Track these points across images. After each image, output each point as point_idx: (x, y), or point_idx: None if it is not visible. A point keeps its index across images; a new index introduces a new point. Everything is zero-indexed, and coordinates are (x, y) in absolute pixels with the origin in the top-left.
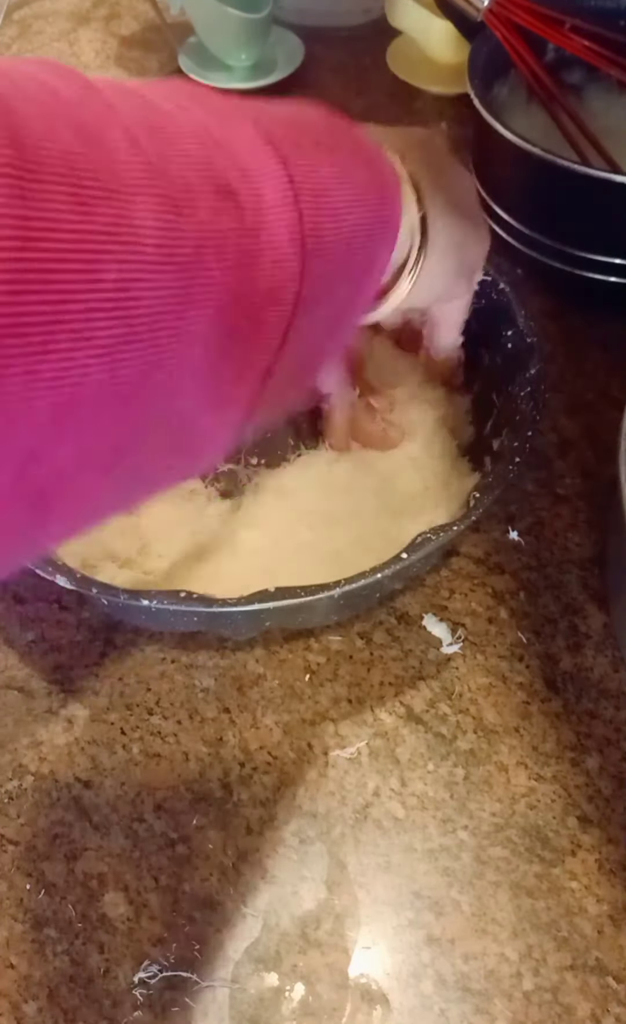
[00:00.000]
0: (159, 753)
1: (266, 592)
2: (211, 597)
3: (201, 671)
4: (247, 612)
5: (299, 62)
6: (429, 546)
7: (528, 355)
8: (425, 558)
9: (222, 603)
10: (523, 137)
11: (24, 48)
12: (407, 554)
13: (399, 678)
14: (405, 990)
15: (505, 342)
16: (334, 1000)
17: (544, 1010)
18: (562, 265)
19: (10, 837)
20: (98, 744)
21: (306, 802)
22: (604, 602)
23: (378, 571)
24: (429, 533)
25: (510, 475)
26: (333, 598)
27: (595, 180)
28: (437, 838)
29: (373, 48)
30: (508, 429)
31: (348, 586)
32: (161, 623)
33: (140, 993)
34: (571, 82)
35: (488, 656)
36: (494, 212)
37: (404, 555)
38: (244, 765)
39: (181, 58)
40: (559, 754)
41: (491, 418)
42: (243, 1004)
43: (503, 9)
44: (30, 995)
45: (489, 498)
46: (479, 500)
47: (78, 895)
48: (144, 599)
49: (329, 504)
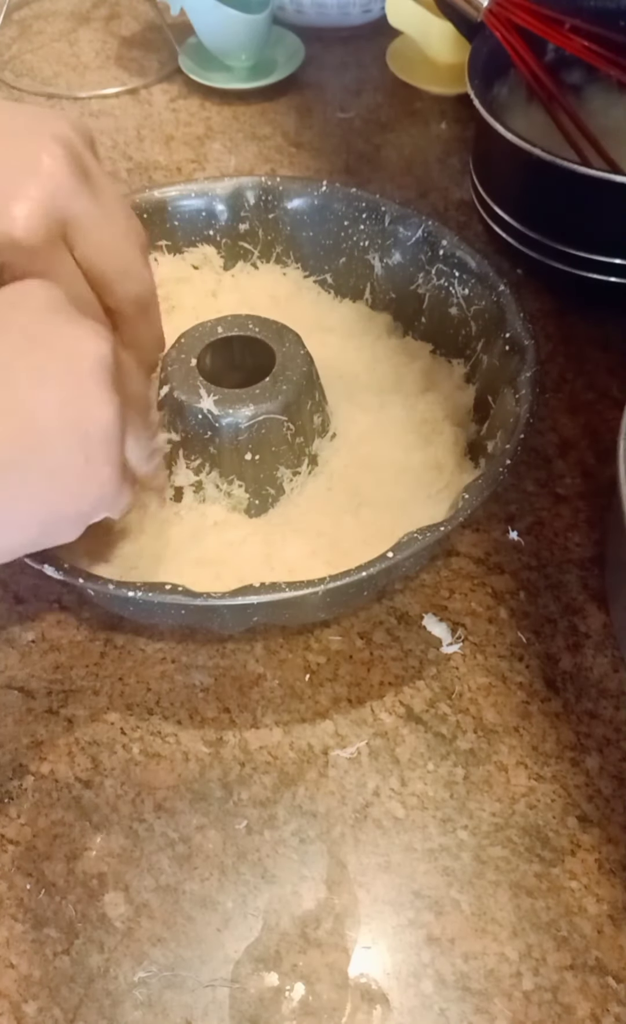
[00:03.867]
0: (159, 753)
1: (251, 587)
2: (196, 591)
3: (201, 671)
4: (233, 606)
5: (299, 62)
6: (415, 545)
7: (523, 358)
8: (414, 557)
9: (207, 596)
10: (523, 137)
11: (24, 48)
12: (393, 553)
13: (399, 678)
14: (405, 990)
15: (503, 344)
16: (334, 1000)
17: (544, 1010)
18: (562, 265)
19: (10, 837)
20: (98, 744)
21: (306, 802)
22: (604, 602)
23: (364, 569)
24: (416, 533)
25: (500, 477)
26: (318, 595)
27: (595, 180)
28: (437, 838)
29: (373, 48)
30: (502, 431)
31: (334, 583)
32: (150, 616)
33: (140, 993)
34: (571, 82)
35: (488, 656)
36: (494, 212)
37: (390, 554)
38: (244, 765)
39: (181, 58)
40: (559, 754)
41: (487, 419)
42: (243, 1004)
43: (503, 9)
44: (30, 995)
45: (477, 499)
46: (467, 501)
47: (78, 895)
48: (130, 591)
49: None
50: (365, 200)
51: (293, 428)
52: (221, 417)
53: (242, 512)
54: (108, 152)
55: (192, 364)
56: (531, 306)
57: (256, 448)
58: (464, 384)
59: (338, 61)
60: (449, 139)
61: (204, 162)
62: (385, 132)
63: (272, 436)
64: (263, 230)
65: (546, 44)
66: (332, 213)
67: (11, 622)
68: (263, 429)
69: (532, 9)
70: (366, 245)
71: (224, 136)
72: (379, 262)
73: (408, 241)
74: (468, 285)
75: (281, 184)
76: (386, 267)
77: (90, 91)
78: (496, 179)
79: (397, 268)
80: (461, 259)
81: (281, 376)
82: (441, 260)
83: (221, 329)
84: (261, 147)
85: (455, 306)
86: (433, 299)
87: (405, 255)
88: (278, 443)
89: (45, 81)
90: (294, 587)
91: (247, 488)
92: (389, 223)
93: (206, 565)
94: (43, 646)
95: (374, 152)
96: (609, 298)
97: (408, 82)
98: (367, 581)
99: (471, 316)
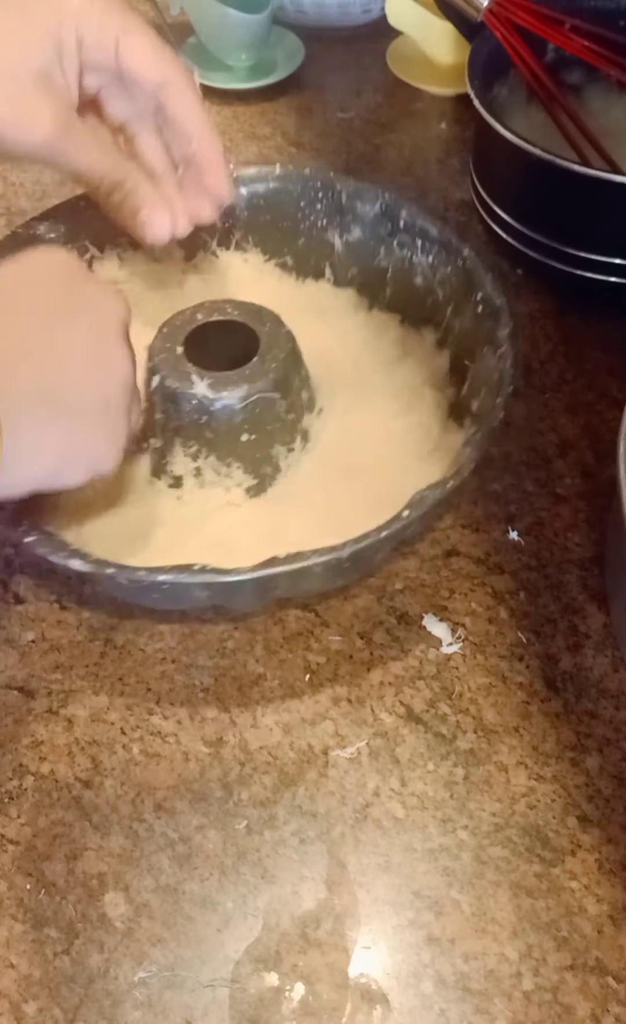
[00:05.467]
0: (159, 753)
1: (275, 559)
2: (224, 568)
3: (201, 671)
4: (258, 580)
5: (299, 62)
6: (429, 501)
7: (497, 317)
8: (427, 515)
9: (236, 572)
10: (523, 137)
11: None
12: (408, 511)
13: (399, 678)
14: (405, 990)
15: (474, 306)
16: (334, 1000)
17: (544, 1010)
18: (562, 265)
19: (10, 837)
20: (98, 744)
21: (306, 802)
22: (604, 602)
23: (383, 529)
24: (425, 491)
25: (495, 427)
26: (341, 560)
27: (595, 180)
28: (437, 838)
29: (373, 48)
30: (485, 389)
31: (356, 546)
32: (175, 600)
33: (140, 993)
34: (571, 82)
35: (488, 656)
36: (494, 212)
37: (406, 512)
38: (244, 765)
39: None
40: (559, 754)
41: (467, 381)
42: (243, 1004)
43: (503, 9)
44: (30, 995)
45: (477, 452)
46: (469, 455)
47: (78, 895)
48: (161, 574)
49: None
50: (320, 179)
51: (285, 404)
52: (215, 400)
53: (243, 493)
54: None
55: (179, 352)
56: (531, 306)
57: (252, 428)
58: (436, 350)
59: (338, 61)
60: (449, 139)
61: None
62: (385, 132)
63: (266, 414)
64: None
65: (546, 44)
66: (287, 195)
67: (11, 622)
68: (257, 408)
69: (532, 9)
70: (325, 224)
71: (224, 136)
72: (339, 239)
73: (367, 216)
74: (431, 253)
75: (234, 171)
76: (346, 244)
77: None
78: (496, 179)
79: (357, 244)
80: (422, 228)
81: (268, 355)
82: (403, 231)
83: (200, 316)
84: (261, 147)
85: (420, 275)
86: (396, 270)
87: (365, 230)
88: (272, 421)
89: None
90: (318, 554)
91: (245, 469)
92: (346, 200)
93: (215, 547)
94: (43, 646)
95: (374, 152)
96: (609, 298)
97: (408, 82)
98: (386, 541)
99: (437, 283)
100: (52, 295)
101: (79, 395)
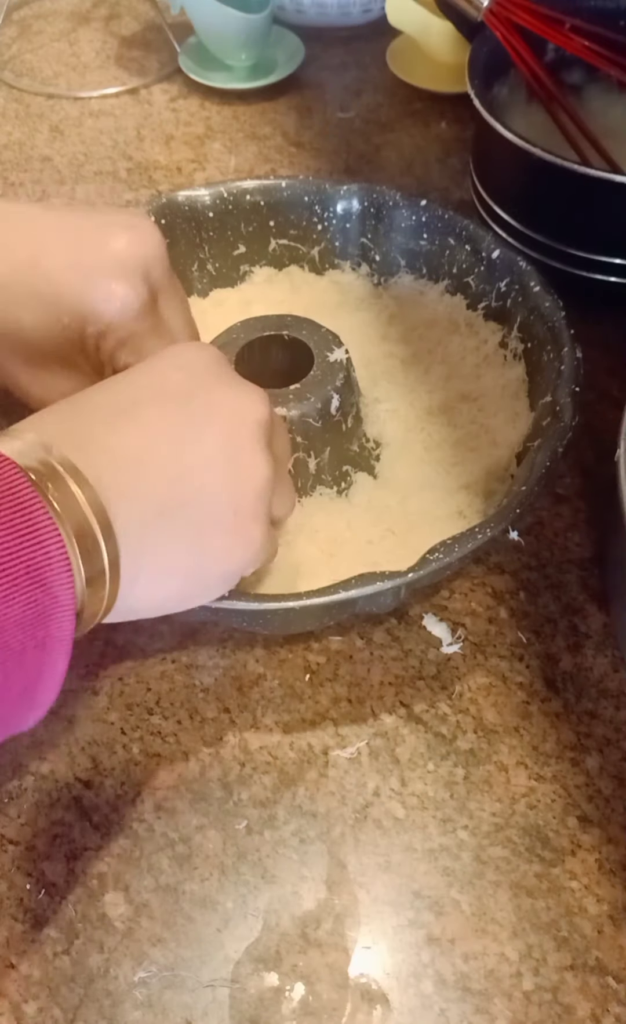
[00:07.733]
0: (159, 753)
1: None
2: (321, 588)
3: (201, 671)
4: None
5: (299, 62)
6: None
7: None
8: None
9: (339, 589)
10: (523, 137)
11: (24, 48)
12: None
13: (399, 678)
14: (405, 990)
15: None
16: (334, 1000)
17: (544, 1010)
18: (562, 265)
19: (10, 837)
20: (98, 744)
21: (306, 802)
22: (604, 602)
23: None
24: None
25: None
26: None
27: (595, 180)
28: (437, 838)
29: (373, 48)
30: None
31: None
32: (287, 627)
33: (140, 993)
34: (571, 82)
35: (488, 656)
36: (494, 212)
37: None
38: (244, 765)
39: (181, 58)
40: (559, 754)
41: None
42: (243, 1004)
43: (503, 9)
44: (30, 995)
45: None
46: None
47: (78, 895)
48: (288, 601)
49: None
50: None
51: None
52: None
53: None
54: (108, 152)
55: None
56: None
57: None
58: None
59: (338, 61)
60: (449, 139)
61: (204, 162)
62: (385, 132)
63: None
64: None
65: (546, 44)
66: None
67: None
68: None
69: (532, 9)
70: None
71: (224, 136)
72: None
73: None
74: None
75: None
76: None
77: (90, 91)
78: (496, 179)
79: None
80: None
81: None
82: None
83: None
84: (261, 147)
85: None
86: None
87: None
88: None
89: (45, 81)
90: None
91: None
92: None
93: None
94: None
95: (374, 152)
96: (609, 298)
97: (408, 82)
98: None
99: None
100: (182, 403)
101: (209, 509)
